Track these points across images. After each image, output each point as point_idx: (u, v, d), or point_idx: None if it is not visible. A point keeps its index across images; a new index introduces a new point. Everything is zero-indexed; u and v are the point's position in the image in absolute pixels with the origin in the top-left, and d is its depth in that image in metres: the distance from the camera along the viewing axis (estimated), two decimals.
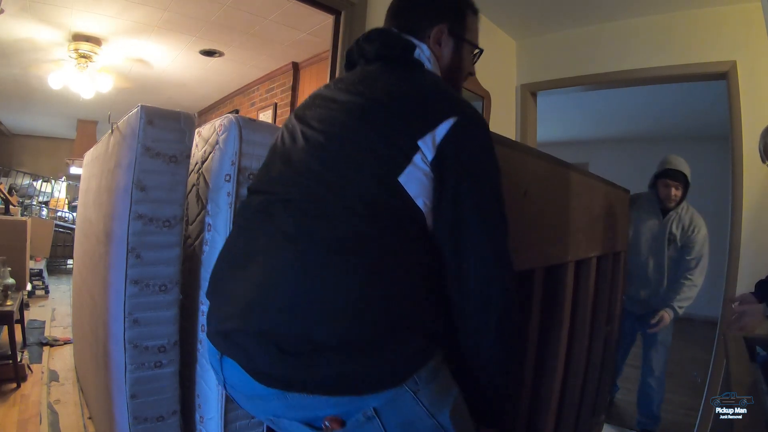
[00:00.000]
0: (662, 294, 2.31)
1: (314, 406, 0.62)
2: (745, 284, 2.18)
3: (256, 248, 0.70)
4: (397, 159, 0.69)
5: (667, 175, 2.27)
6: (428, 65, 0.84)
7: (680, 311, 2.20)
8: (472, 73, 0.96)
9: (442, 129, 0.69)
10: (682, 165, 2.26)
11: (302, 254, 0.65)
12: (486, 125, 0.77)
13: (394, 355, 0.63)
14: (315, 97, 0.83)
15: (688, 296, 2.19)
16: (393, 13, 0.91)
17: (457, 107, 0.73)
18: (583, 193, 1.48)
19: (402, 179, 0.68)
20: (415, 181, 0.69)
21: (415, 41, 0.84)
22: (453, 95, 0.77)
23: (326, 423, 0.62)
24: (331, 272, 0.63)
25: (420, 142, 0.69)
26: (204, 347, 1.12)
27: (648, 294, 2.37)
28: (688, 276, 2.21)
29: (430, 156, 0.69)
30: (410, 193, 0.68)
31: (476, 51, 0.93)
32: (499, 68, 2.89)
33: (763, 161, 1.40)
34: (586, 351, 1.65)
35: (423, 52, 0.84)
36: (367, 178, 0.68)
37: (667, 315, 2.20)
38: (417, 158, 0.69)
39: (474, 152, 0.72)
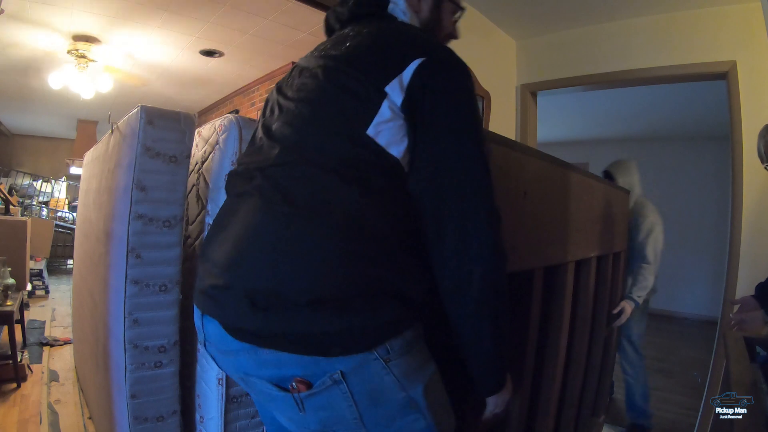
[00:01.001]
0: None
1: (282, 363, 0.61)
2: (745, 284, 2.18)
3: (237, 210, 0.71)
4: (362, 112, 0.66)
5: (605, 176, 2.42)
6: (403, 18, 0.81)
7: (639, 300, 2.21)
8: (454, 36, 0.90)
9: (409, 70, 0.67)
10: (613, 165, 2.35)
11: (277, 213, 0.65)
12: (464, 68, 0.71)
13: (365, 318, 0.61)
14: (294, 67, 0.83)
15: (644, 285, 2.20)
16: None
17: (426, 48, 0.69)
18: (582, 194, 1.48)
19: (371, 131, 0.66)
20: (386, 130, 0.66)
21: None
22: (423, 38, 0.73)
23: (293, 384, 0.61)
24: (305, 231, 0.63)
25: (387, 88, 0.66)
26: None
27: None
28: (640, 264, 2.23)
29: (399, 100, 0.66)
30: (381, 144, 0.66)
31: (457, 12, 0.88)
32: (499, 68, 2.88)
33: (763, 162, 1.39)
34: (585, 352, 1.65)
35: (397, 5, 0.81)
36: (337, 136, 0.67)
37: (628, 306, 2.20)
38: (384, 106, 0.66)
39: (445, 93, 0.68)
